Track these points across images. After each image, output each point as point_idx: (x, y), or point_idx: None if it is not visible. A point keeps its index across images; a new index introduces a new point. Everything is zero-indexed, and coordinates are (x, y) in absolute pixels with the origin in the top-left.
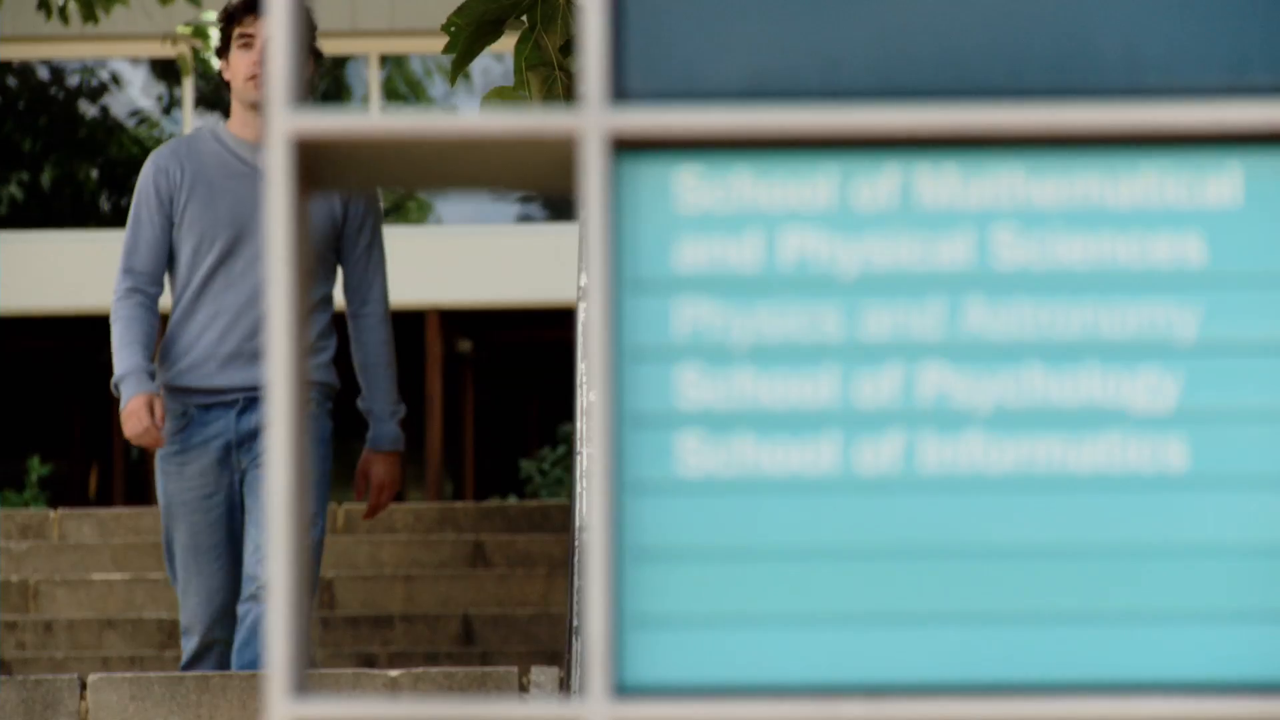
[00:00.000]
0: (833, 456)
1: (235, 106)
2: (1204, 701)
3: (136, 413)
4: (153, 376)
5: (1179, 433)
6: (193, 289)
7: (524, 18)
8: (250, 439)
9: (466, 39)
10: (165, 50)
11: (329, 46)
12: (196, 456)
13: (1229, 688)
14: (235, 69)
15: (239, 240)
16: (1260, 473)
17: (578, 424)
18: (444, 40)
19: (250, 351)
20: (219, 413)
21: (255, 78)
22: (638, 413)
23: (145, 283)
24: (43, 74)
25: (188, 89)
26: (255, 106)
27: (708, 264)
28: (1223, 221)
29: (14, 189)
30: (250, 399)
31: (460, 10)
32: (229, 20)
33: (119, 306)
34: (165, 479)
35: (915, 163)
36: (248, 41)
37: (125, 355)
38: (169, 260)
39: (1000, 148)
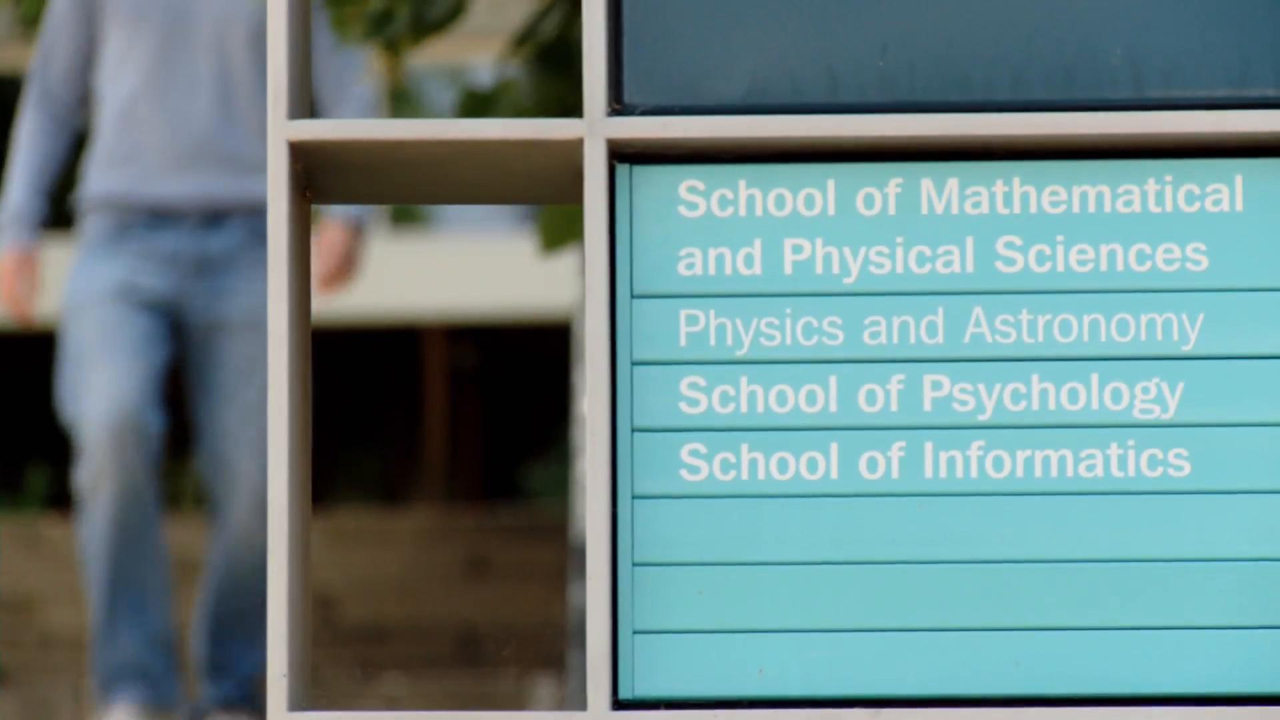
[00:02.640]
0: (834, 466)
1: None
2: (1206, 711)
3: (3, 276)
4: (40, 220)
5: (1180, 441)
6: (129, 87)
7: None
8: (211, 270)
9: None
10: None
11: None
12: (128, 262)
13: (1231, 698)
14: None
15: (180, 29)
16: (1261, 481)
17: (578, 434)
18: (445, 44)
19: (211, 156)
20: (170, 224)
21: None
22: (639, 422)
23: (60, 88)
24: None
25: None
26: None
27: (709, 273)
28: (1225, 230)
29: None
30: (213, 214)
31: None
32: None
33: (23, 123)
34: (76, 277)
35: (917, 173)
36: None
37: (12, 190)
38: (91, 63)
39: (1002, 157)
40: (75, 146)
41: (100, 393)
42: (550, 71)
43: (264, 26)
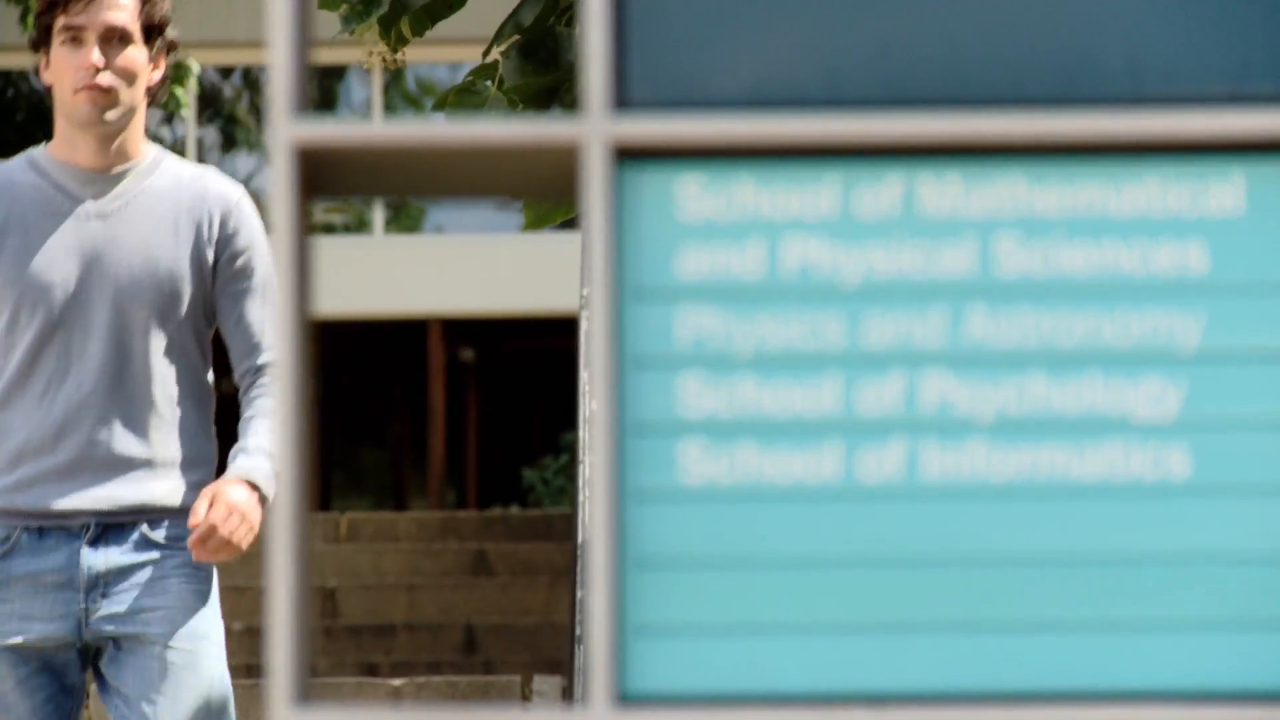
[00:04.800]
0: (835, 465)
1: (60, 123)
2: (1206, 710)
3: None
4: None
5: (1181, 441)
6: (12, 373)
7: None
8: (108, 582)
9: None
10: None
11: (333, 54)
12: (19, 593)
13: (1231, 696)
14: (59, 73)
15: (71, 303)
16: (1262, 481)
17: (581, 433)
18: (453, 49)
19: (104, 458)
20: (58, 540)
21: (92, 90)
22: (640, 421)
23: None
24: (38, 85)
25: (190, 98)
26: (88, 126)
27: (710, 272)
28: (1225, 230)
29: None
30: (106, 525)
31: (514, 87)
32: (49, 4)
33: None
34: None
35: (918, 171)
36: (76, 36)
37: None
38: None
39: (1003, 156)
40: None
41: None
42: (532, 60)
43: (172, 300)
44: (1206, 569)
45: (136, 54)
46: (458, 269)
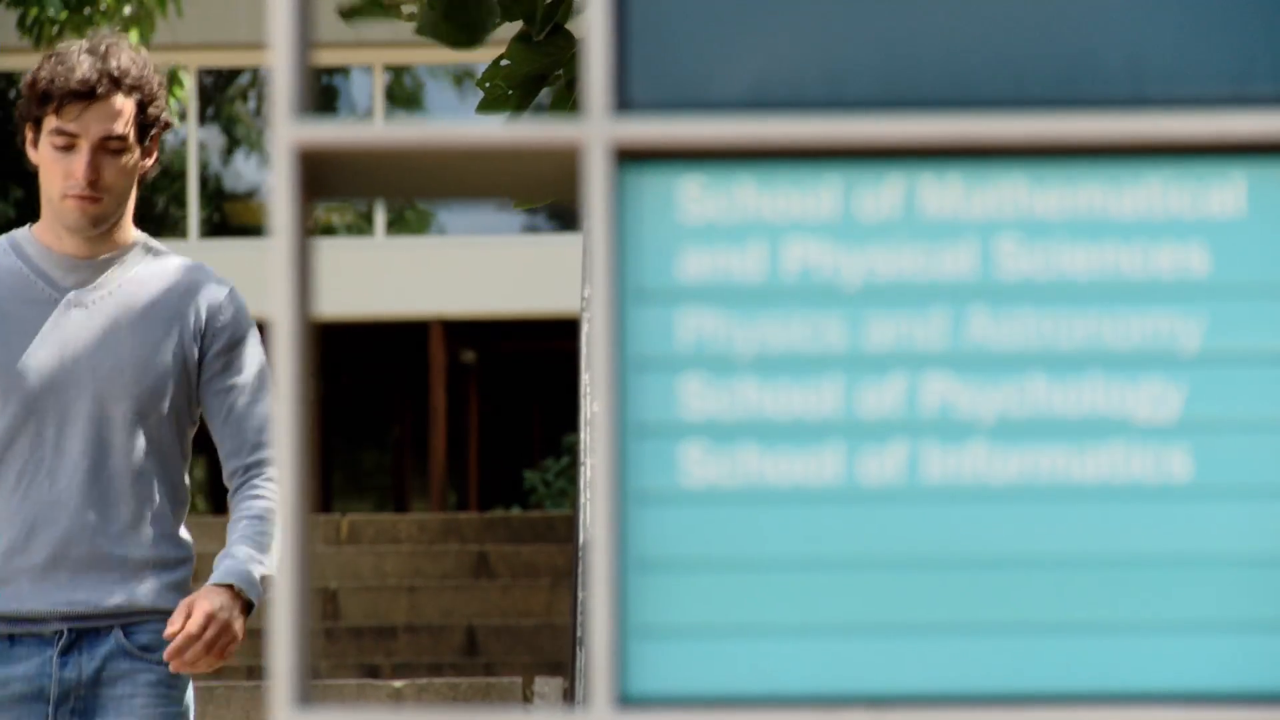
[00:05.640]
0: (836, 467)
1: (46, 209)
2: (1207, 711)
3: None
4: None
5: (1182, 443)
6: None
7: (561, 71)
8: (79, 696)
9: (513, 100)
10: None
11: (333, 57)
12: None
13: (1232, 697)
14: (48, 172)
15: (48, 394)
16: (1263, 483)
17: (582, 434)
18: (452, 51)
19: (79, 558)
20: (29, 648)
21: (82, 200)
22: (641, 423)
23: None
24: None
25: (190, 102)
26: (76, 231)
27: (711, 274)
28: (1226, 232)
29: (7, 206)
30: (81, 631)
31: (499, 71)
32: (40, 99)
33: None
34: None
35: (919, 173)
36: (70, 143)
37: None
38: None
39: (1004, 158)
40: None
41: None
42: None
43: (154, 395)
44: (1207, 570)
45: (130, 158)
46: (459, 271)
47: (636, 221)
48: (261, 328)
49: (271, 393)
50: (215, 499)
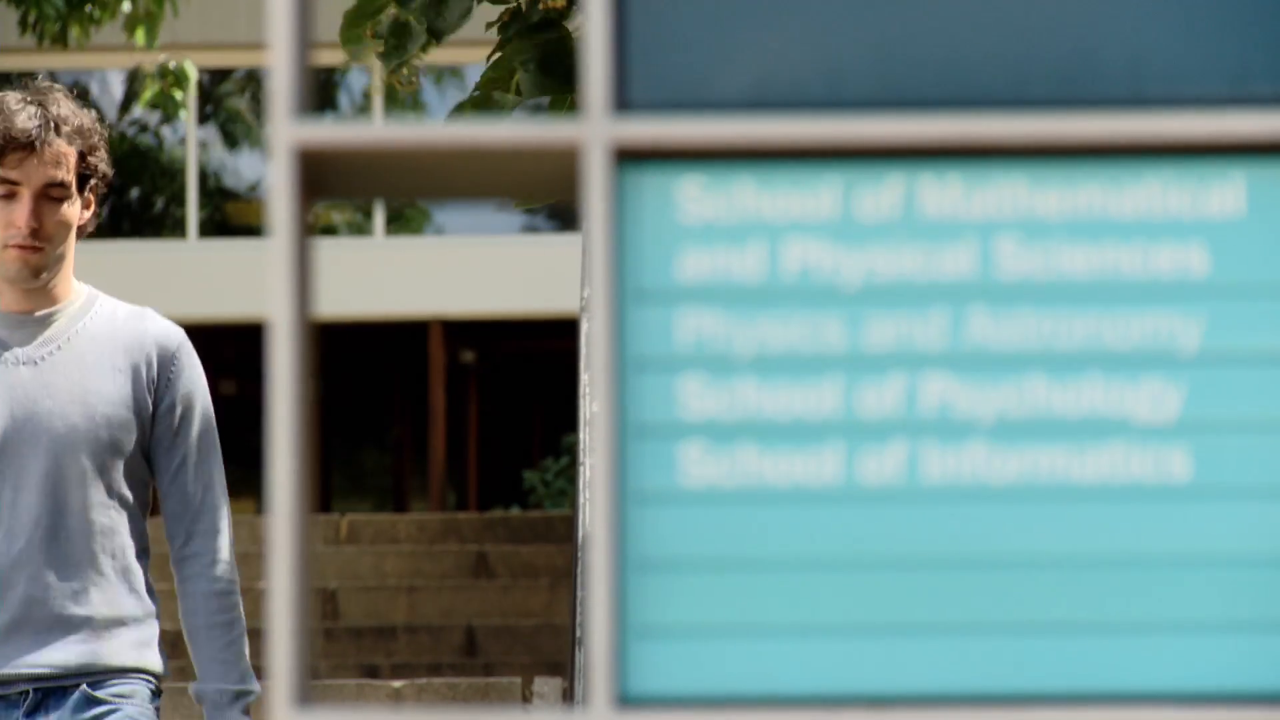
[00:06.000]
0: (836, 467)
1: None
2: (1207, 711)
3: None
4: None
5: (1182, 443)
6: None
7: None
8: None
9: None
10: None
11: (334, 56)
12: None
13: (1232, 697)
14: None
15: (2, 456)
16: (1263, 483)
17: (581, 434)
18: (456, 51)
19: (42, 619)
20: None
21: (24, 250)
22: (641, 423)
23: None
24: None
25: (190, 101)
26: (18, 282)
27: (711, 274)
28: (1226, 232)
29: None
30: (47, 690)
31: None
32: None
33: None
34: None
35: (918, 173)
36: (11, 191)
37: None
38: None
39: (1003, 158)
40: None
41: None
42: (552, 76)
43: (111, 449)
44: (1207, 571)
45: (71, 208)
46: (458, 271)
47: (636, 222)
48: (262, 328)
49: (217, 450)
50: None
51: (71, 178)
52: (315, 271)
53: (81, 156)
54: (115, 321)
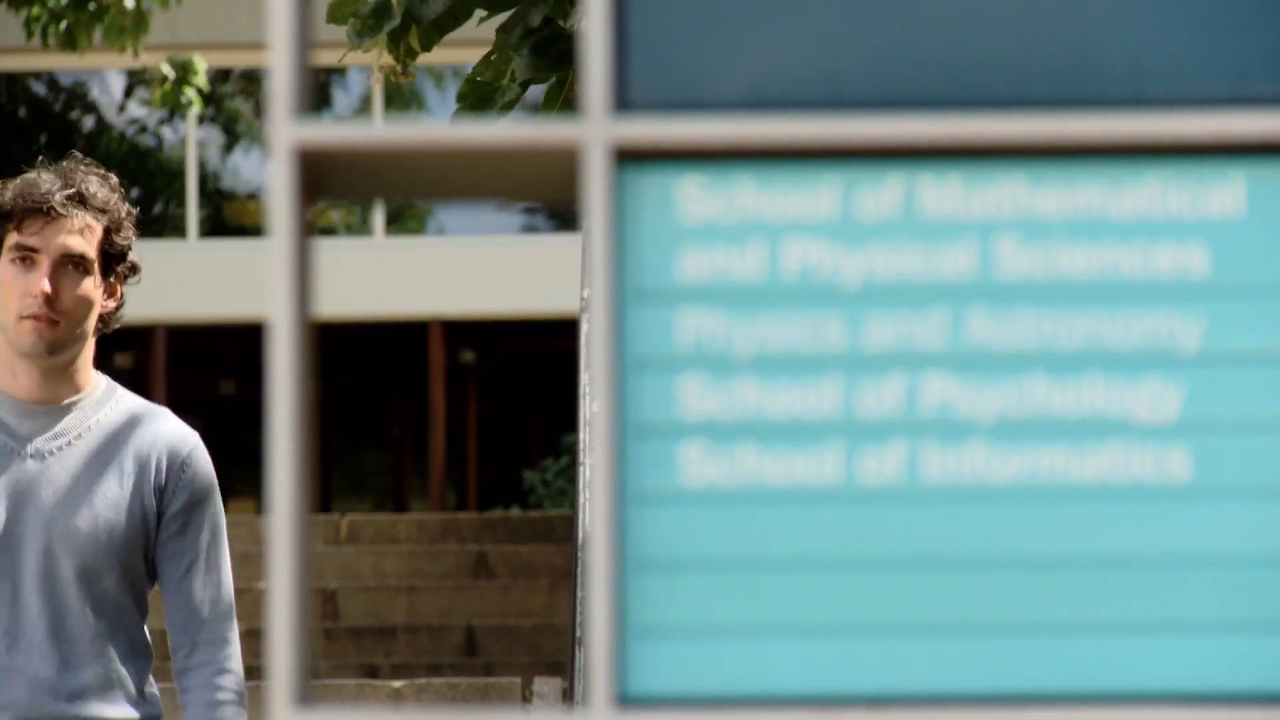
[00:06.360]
0: (836, 467)
1: (1, 345)
2: (1207, 711)
3: None
4: None
5: (1182, 443)
6: None
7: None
8: None
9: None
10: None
11: (332, 56)
12: None
13: (1232, 697)
14: (7, 293)
15: (2, 553)
16: (1263, 483)
17: (581, 434)
18: (456, 51)
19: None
20: None
21: (39, 321)
22: (641, 423)
23: None
24: (38, 88)
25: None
26: (32, 358)
27: (710, 274)
28: (1226, 232)
29: None
30: None
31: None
32: (3, 216)
33: None
34: None
35: (918, 173)
36: (29, 256)
37: None
38: None
39: (1003, 158)
40: None
41: None
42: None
43: (108, 554)
44: (1207, 571)
45: (92, 284)
46: (458, 271)
47: (636, 222)
48: (262, 328)
49: (226, 558)
50: None
51: (94, 254)
52: (315, 271)
53: (106, 233)
54: (131, 417)
